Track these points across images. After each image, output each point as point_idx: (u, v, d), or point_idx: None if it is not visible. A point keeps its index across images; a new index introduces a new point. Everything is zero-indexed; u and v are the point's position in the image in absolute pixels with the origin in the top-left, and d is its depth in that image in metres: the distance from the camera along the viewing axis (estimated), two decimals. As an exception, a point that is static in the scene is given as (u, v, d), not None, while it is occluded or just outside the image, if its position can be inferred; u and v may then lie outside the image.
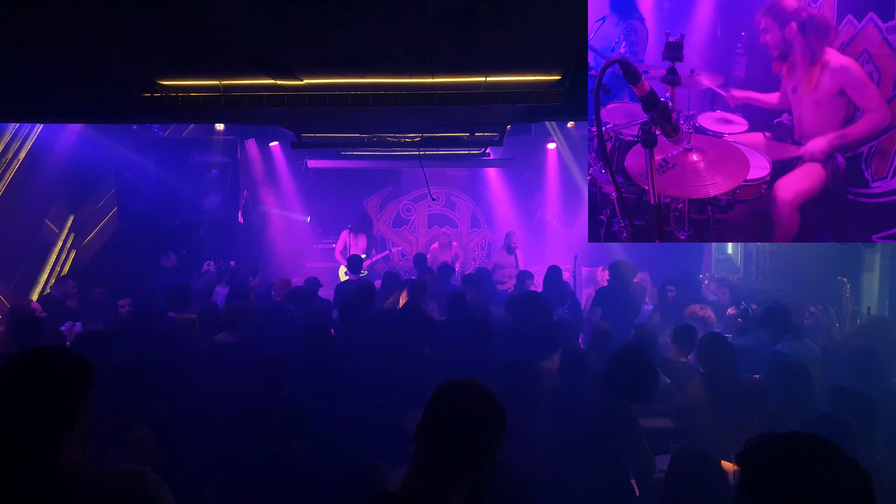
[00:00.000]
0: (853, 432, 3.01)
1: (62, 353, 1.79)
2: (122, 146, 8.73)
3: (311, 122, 6.40)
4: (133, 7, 3.00)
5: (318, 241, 11.66)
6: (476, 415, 1.64)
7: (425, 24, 3.22)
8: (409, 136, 7.22)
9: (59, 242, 8.89)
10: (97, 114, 6.37)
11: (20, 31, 3.43)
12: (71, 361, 1.77)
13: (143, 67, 4.21)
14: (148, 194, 8.66)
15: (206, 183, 9.12)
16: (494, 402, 1.69)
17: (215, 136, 9.37)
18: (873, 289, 6.97)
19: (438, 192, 12.28)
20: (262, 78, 4.45)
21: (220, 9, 3.07)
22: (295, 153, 10.51)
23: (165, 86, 4.63)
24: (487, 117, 5.89)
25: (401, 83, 4.55)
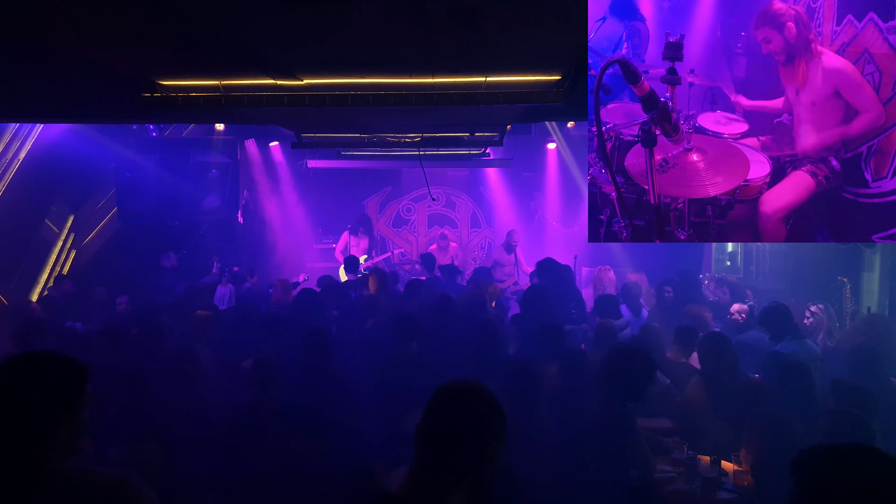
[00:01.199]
0: (870, 429, 3.01)
1: (52, 358, 1.78)
2: (122, 146, 8.73)
3: (311, 122, 6.40)
4: (133, 7, 3.00)
5: (318, 241, 11.66)
6: (476, 416, 1.64)
7: (425, 24, 3.22)
8: (409, 136, 7.22)
9: (59, 242, 8.89)
10: (97, 114, 6.37)
11: (20, 31, 3.43)
12: (60, 366, 1.76)
13: (143, 67, 4.21)
14: (148, 194, 8.67)
15: (206, 183, 9.12)
16: (494, 403, 1.68)
17: (215, 136, 9.37)
18: (873, 289, 6.97)
19: (438, 192, 12.28)
20: (262, 78, 4.44)
21: (220, 9, 3.07)
22: (295, 153, 10.51)
23: (165, 86, 4.63)
24: (487, 117, 5.89)
25: (401, 83, 4.55)
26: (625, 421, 3.44)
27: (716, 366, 4.17)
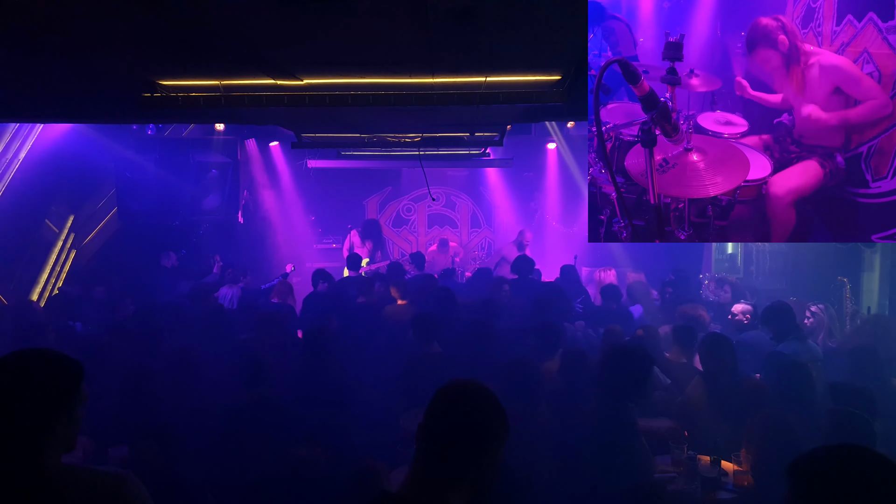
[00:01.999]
0: (871, 429, 3.00)
1: (47, 355, 1.78)
2: (122, 146, 8.74)
3: (311, 122, 6.40)
4: (133, 6, 3.00)
5: (319, 241, 11.66)
6: (478, 416, 1.63)
7: (425, 23, 3.21)
8: (409, 136, 7.21)
9: (59, 242, 8.89)
10: (97, 114, 6.37)
11: (20, 30, 3.43)
12: (55, 363, 1.77)
13: (143, 67, 4.21)
14: (148, 194, 8.68)
15: (206, 183, 9.13)
16: (496, 403, 1.68)
17: (215, 136, 9.37)
18: (873, 289, 6.97)
19: (438, 192, 12.28)
20: (262, 78, 4.44)
21: (220, 8, 3.07)
22: (295, 153, 10.51)
23: (165, 86, 4.63)
24: (487, 117, 5.89)
25: (401, 83, 4.55)
26: (625, 421, 3.44)
27: (715, 366, 4.17)
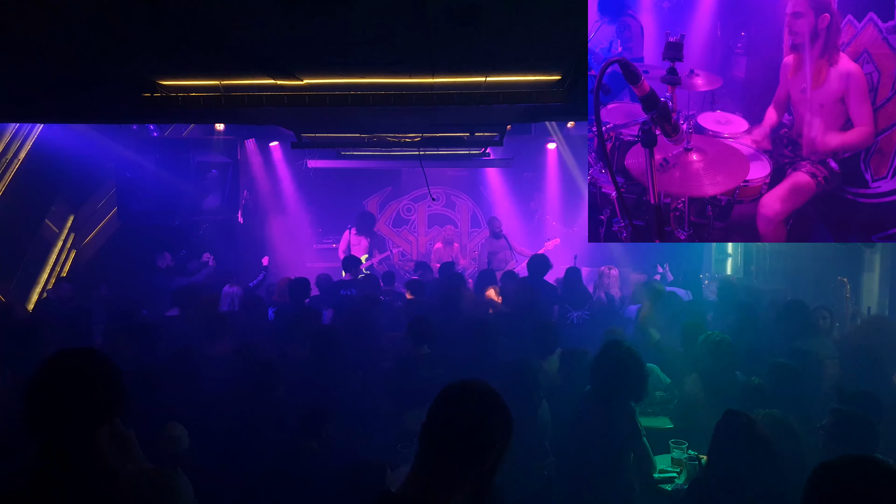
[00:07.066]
0: (873, 429, 3.00)
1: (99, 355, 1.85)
2: (122, 146, 8.73)
3: (311, 121, 6.40)
4: (133, 6, 3.00)
5: (319, 241, 11.65)
6: (481, 416, 1.63)
7: (425, 23, 3.22)
8: (409, 136, 7.21)
9: (59, 242, 8.89)
10: (97, 114, 6.37)
11: (20, 31, 3.43)
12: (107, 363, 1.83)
13: (143, 67, 4.21)
14: (148, 194, 8.68)
15: (206, 183, 9.13)
16: (501, 404, 1.68)
17: (215, 136, 9.37)
18: (873, 289, 6.96)
19: (438, 192, 12.27)
20: (262, 78, 4.45)
21: (219, 8, 3.07)
22: (295, 153, 10.51)
23: (165, 86, 4.63)
24: (487, 117, 5.89)
25: (401, 83, 4.55)
26: (625, 420, 3.45)
27: (715, 366, 4.17)
